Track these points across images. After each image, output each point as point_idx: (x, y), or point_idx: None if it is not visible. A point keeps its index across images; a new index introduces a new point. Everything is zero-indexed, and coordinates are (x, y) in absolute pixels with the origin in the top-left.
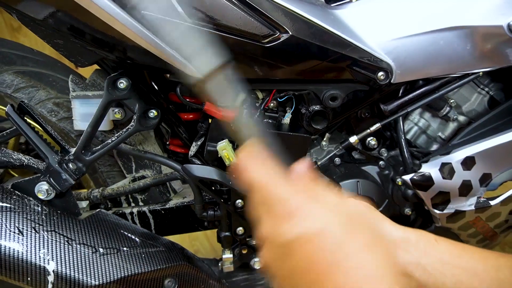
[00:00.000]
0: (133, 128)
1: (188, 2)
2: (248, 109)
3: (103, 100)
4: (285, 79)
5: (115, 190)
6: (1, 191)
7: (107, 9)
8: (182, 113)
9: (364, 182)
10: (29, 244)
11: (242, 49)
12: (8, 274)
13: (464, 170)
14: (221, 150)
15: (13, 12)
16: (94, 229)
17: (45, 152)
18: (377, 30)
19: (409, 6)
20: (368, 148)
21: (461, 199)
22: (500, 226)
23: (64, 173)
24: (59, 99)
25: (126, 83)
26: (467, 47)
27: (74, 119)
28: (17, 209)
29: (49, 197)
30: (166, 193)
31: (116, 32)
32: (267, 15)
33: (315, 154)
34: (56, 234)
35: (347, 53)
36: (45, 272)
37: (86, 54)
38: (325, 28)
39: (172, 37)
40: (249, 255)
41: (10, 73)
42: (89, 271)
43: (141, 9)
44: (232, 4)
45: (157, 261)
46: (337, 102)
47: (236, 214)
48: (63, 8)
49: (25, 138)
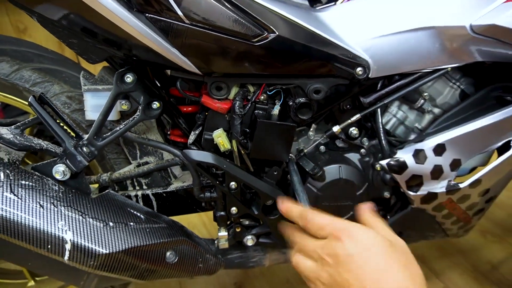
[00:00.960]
0: (139, 117)
1: (187, 6)
2: (241, 101)
3: (113, 92)
4: (273, 74)
5: (121, 174)
6: (23, 172)
7: (117, 12)
8: (182, 106)
9: (346, 167)
10: (49, 217)
11: (234, 48)
12: (31, 242)
13: (435, 156)
14: (217, 137)
15: (34, 15)
16: (104, 206)
17: (63, 137)
18: (356, 30)
19: (384, 9)
20: (350, 137)
21: (433, 182)
22: (471, 208)
23: (79, 156)
24: (71, 93)
25: (132, 77)
26: (436, 45)
27: (86, 110)
28: (37, 187)
29: (65, 177)
30: (167, 178)
31: (124, 32)
32: (256, 17)
33: (303, 143)
34: (72, 209)
35: (328, 50)
36: (63, 241)
37: (97, 52)
38: (309, 28)
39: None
40: (242, 233)
41: (28, 70)
42: (101, 241)
43: (146, 12)
44: (225, 7)
45: (160, 235)
46: (321, 95)
47: (230, 195)
48: (78, 10)
49: (45, 124)
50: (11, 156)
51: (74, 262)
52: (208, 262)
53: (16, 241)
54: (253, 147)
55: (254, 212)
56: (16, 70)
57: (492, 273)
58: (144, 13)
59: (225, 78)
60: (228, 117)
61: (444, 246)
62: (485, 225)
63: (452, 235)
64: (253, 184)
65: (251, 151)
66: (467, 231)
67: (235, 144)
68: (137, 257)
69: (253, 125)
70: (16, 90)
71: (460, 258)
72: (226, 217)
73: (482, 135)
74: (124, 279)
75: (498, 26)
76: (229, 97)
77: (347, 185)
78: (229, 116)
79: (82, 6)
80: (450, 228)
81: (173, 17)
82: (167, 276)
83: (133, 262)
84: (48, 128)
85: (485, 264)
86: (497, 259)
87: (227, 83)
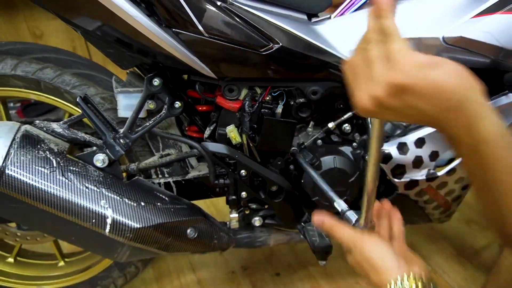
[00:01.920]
0: (164, 115)
1: (206, 22)
2: (250, 101)
3: (143, 94)
4: (277, 78)
5: (147, 164)
6: (70, 160)
7: (150, 28)
8: (197, 106)
9: (340, 158)
10: (93, 197)
11: (245, 56)
12: (79, 217)
13: (416, 148)
14: (230, 132)
15: (79, 29)
16: (136, 190)
17: (104, 130)
18: (348, 40)
19: None
20: (343, 133)
21: (414, 171)
22: (450, 195)
23: (117, 146)
24: (104, 94)
25: (159, 81)
26: None
27: (118, 109)
28: (82, 172)
29: (103, 165)
30: (185, 168)
31: (155, 44)
32: (263, 31)
33: (303, 138)
34: (111, 191)
35: (324, 58)
36: (104, 217)
37: (129, 59)
38: (307, 39)
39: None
40: (251, 215)
41: (68, 74)
42: (135, 218)
43: (173, 28)
44: (237, 22)
45: (182, 214)
46: (317, 96)
47: (241, 181)
48: (118, 27)
49: (89, 120)
50: (59, 147)
51: (113, 234)
52: (222, 239)
53: (67, 216)
54: (260, 141)
55: (261, 196)
56: (58, 75)
57: (475, 257)
58: (171, 28)
59: (236, 81)
60: (238, 115)
61: (431, 234)
62: (470, 215)
63: (435, 219)
64: (260, 172)
65: (258, 144)
66: (448, 217)
67: (245, 138)
68: (163, 231)
69: (260, 121)
70: (58, 92)
71: (445, 244)
72: (237, 201)
73: None
74: (152, 251)
75: (466, 38)
76: (240, 98)
77: (341, 173)
78: (239, 114)
79: (122, 24)
80: (432, 213)
81: (195, 31)
82: (187, 250)
83: (160, 236)
84: (92, 123)
85: (469, 250)
86: (480, 245)
87: (238, 85)
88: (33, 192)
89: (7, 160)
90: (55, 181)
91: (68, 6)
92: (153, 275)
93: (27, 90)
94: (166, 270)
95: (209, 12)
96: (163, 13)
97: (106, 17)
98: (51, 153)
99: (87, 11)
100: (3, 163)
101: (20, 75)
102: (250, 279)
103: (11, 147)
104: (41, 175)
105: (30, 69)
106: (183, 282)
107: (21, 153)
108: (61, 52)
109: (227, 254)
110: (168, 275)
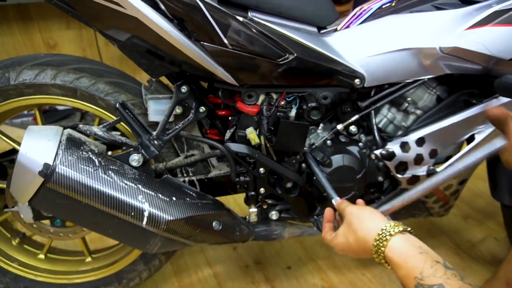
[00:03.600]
0: (192, 119)
1: (230, 36)
2: (267, 106)
3: (174, 100)
4: (292, 85)
5: (174, 164)
6: (109, 159)
7: (182, 42)
8: (218, 110)
9: (348, 156)
10: (132, 192)
11: (264, 66)
12: (120, 210)
13: (417, 147)
14: (249, 134)
15: (115, 42)
16: (167, 186)
17: (140, 132)
18: (354, 50)
19: (375, 34)
20: (350, 134)
21: (416, 167)
22: (448, 189)
23: (152, 147)
24: (134, 101)
25: (186, 88)
26: (415, 61)
27: (149, 114)
28: (121, 171)
29: (138, 164)
30: (207, 167)
31: (185, 55)
32: (279, 43)
33: (313, 139)
34: (146, 187)
35: (333, 66)
36: (142, 210)
37: (160, 69)
38: (318, 50)
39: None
40: (268, 209)
41: (102, 83)
42: (168, 211)
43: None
44: (258, 36)
45: (208, 208)
46: (328, 101)
47: (260, 178)
48: (154, 41)
49: (126, 123)
50: (98, 148)
51: (149, 226)
52: (243, 231)
53: (109, 210)
54: (276, 141)
55: (278, 192)
56: (93, 83)
57: (473, 250)
58: (200, 41)
59: (255, 88)
60: (256, 118)
61: (432, 229)
62: (467, 211)
63: (435, 213)
64: (278, 170)
65: (275, 144)
66: (447, 210)
67: (263, 139)
68: (193, 223)
69: (277, 124)
70: (93, 99)
71: (445, 239)
72: (256, 197)
73: (453, 130)
74: (182, 241)
75: (460, 48)
76: (257, 103)
77: (349, 171)
78: (257, 118)
79: (158, 38)
80: (432, 207)
81: (220, 44)
82: (213, 241)
83: (190, 227)
84: (129, 127)
85: (466, 243)
86: (477, 239)
87: (256, 92)
88: (80, 188)
89: (57, 159)
90: (99, 178)
91: (111, 25)
92: (171, 270)
93: (64, 97)
94: (184, 265)
95: (233, 26)
96: (193, 28)
97: (144, 33)
98: (93, 153)
99: (127, 28)
100: (53, 162)
101: (59, 84)
102: (263, 272)
103: (59, 148)
104: (87, 173)
105: (68, 79)
106: (201, 276)
107: (68, 153)
108: (94, 63)
109: (241, 250)
110: (186, 270)
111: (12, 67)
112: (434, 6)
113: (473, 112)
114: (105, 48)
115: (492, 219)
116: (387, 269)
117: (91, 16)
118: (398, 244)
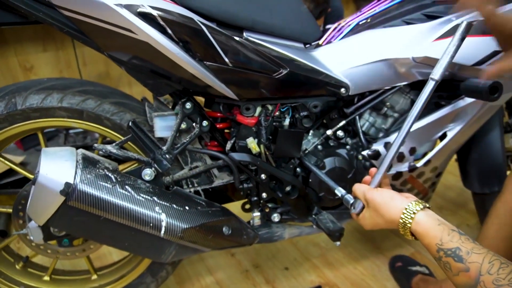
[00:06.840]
0: (197, 133)
1: (230, 55)
2: (265, 117)
3: (180, 116)
4: (285, 96)
5: (180, 176)
6: (124, 175)
7: (189, 62)
8: (216, 123)
9: (339, 158)
10: (149, 205)
11: (261, 80)
12: (139, 222)
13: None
14: (250, 143)
15: (122, 65)
16: (179, 197)
17: (153, 148)
18: (339, 63)
19: (356, 47)
20: (338, 138)
21: (399, 164)
22: (427, 182)
23: (164, 160)
24: (139, 119)
25: (191, 104)
26: (392, 70)
27: (155, 130)
28: (136, 185)
29: (150, 178)
30: (210, 177)
31: (190, 74)
32: (273, 59)
33: (305, 144)
34: (160, 199)
35: (321, 78)
36: (160, 220)
37: (165, 88)
38: (308, 64)
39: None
40: (270, 212)
41: (107, 104)
42: (183, 219)
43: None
44: (255, 54)
45: (218, 215)
46: (318, 109)
47: (262, 184)
48: (161, 64)
49: (139, 140)
50: (112, 166)
51: (167, 235)
52: (249, 235)
53: (129, 223)
54: (275, 148)
55: (279, 196)
56: (99, 104)
57: None
58: (203, 61)
59: (252, 101)
60: (255, 129)
61: None
62: (441, 202)
63: None
64: (278, 174)
65: (274, 151)
66: (426, 202)
67: (262, 147)
68: (206, 230)
69: (274, 133)
70: (99, 119)
71: None
72: (259, 201)
73: (427, 129)
74: (196, 248)
75: (429, 57)
76: (255, 115)
77: (340, 171)
78: (256, 128)
79: (166, 60)
80: None
81: (221, 62)
82: (224, 245)
83: (204, 234)
84: (141, 143)
85: None
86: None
87: (253, 104)
88: (101, 204)
89: (77, 178)
90: (117, 193)
91: (121, 49)
92: (174, 282)
93: (70, 119)
94: (186, 275)
95: (232, 46)
96: (197, 49)
97: (153, 55)
98: (108, 170)
99: (137, 51)
100: (74, 181)
101: (66, 106)
102: (263, 275)
103: (77, 167)
104: (106, 189)
105: (75, 101)
106: (203, 284)
107: (86, 172)
108: (96, 85)
109: (238, 256)
110: (188, 280)
111: (18, 93)
112: (404, 21)
113: (444, 113)
114: (83, 68)
115: (463, 208)
116: (380, 259)
117: (103, 42)
118: (421, 219)
